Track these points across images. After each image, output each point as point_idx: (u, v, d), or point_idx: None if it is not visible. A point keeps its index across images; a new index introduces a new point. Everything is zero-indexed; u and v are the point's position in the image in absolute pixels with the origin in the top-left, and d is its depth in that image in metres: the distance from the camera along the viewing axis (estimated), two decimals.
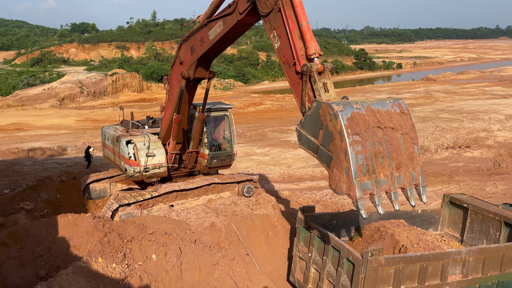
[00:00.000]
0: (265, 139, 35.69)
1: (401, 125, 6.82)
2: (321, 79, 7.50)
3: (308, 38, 7.50)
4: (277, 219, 14.29)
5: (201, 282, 10.60)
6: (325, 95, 7.40)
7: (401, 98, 7.42)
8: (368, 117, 6.66)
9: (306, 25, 7.56)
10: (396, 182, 6.85)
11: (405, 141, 6.82)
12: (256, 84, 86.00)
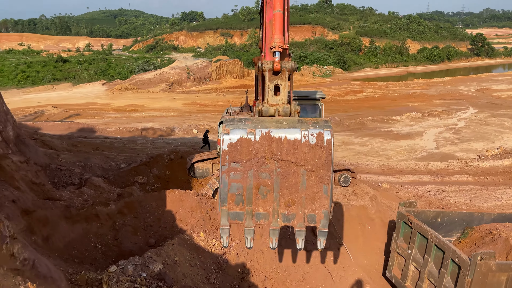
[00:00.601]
0: (364, 129, 34.53)
1: (308, 160, 5.56)
2: (275, 80, 6.44)
3: (276, 28, 6.58)
4: (375, 211, 13.80)
5: (294, 267, 10.75)
6: (272, 98, 6.37)
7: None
8: (260, 145, 5.59)
9: (278, 13, 6.64)
10: (281, 220, 5.73)
11: (308, 179, 5.61)
12: (357, 71, 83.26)
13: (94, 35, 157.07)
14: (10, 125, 15.01)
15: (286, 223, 5.68)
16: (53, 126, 29.82)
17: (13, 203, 9.69)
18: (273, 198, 5.57)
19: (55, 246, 9.74)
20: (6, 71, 70.85)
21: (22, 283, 3.54)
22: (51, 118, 37.95)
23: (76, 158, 18.32)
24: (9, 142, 14.25)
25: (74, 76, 72.12)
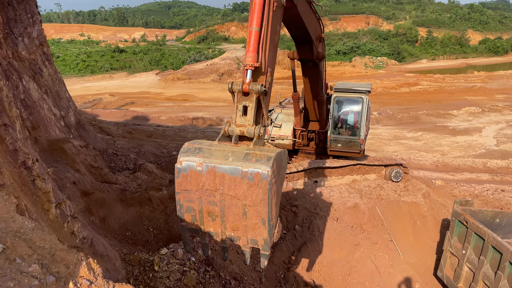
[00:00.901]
0: (418, 123, 33.22)
1: (247, 196, 5.83)
2: (243, 101, 6.56)
3: (250, 46, 6.60)
4: (427, 209, 13.31)
5: (340, 260, 10.63)
6: (240, 119, 6.56)
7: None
8: (206, 179, 6.07)
9: (253, 31, 6.65)
10: (229, 239, 6.28)
11: (248, 211, 5.92)
12: (412, 63, 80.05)
13: (149, 26, 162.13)
14: (72, 111, 15.91)
15: (234, 242, 6.30)
16: (110, 113, 31.24)
17: (74, 185, 10.31)
18: (221, 222, 6.18)
19: (111, 227, 10.27)
20: (68, 60, 74.95)
21: (84, 258, 3.77)
22: (108, 105, 39.77)
23: (130, 144, 19.11)
24: (71, 127, 15.12)
25: (129, 66, 74.97)
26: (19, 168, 7.10)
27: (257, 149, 6.00)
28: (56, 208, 7.61)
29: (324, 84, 13.97)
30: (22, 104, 11.86)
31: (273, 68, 7.35)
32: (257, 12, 6.69)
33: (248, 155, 5.89)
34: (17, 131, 7.75)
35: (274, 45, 7.39)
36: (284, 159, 6.29)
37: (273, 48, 7.33)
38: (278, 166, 5.93)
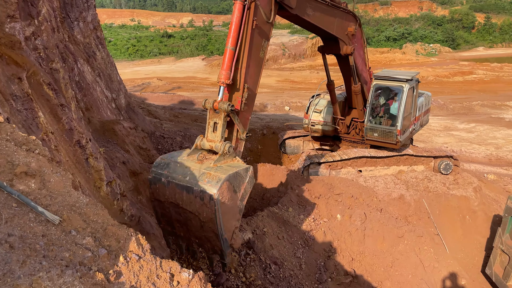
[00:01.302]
0: (471, 114, 31.64)
1: (200, 213, 6.40)
2: (214, 118, 7.06)
3: (224, 64, 6.95)
4: (478, 203, 12.74)
5: (383, 252, 10.44)
6: (211, 134, 7.12)
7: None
8: (169, 193, 6.71)
9: (228, 50, 6.94)
10: (196, 245, 7.08)
11: (203, 226, 6.49)
12: (467, 50, 75.97)
13: (196, 11, 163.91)
14: (122, 94, 16.50)
15: (200, 248, 7.03)
16: (158, 97, 32.10)
17: (123, 165, 10.74)
18: (186, 230, 6.93)
19: None
20: (119, 44, 77.48)
21: (134, 234, 3.94)
22: (156, 89, 40.86)
23: (177, 128, 19.58)
24: (121, 109, 15.70)
25: (177, 51, 76.39)
26: (74, 147, 7.48)
27: (214, 169, 6.54)
28: (107, 186, 7.98)
29: (367, 72, 13.58)
30: (77, 86, 12.43)
31: (254, 83, 7.74)
32: (232, 31, 7.03)
33: (203, 175, 6.46)
34: (73, 112, 8.15)
35: (257, 61, 7.70)
36: (246, 176, 6.73)
37: (255, 64, 7.67)
38: (235, 184, 6.45)
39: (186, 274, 3.77)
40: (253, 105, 7.99)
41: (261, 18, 7.39)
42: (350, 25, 11.50)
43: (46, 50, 8.74)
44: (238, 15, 6.97)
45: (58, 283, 3.00)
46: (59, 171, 4.19)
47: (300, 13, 8.83)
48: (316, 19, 9.68)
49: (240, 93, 7.40)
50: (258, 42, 7.62)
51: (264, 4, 7.44)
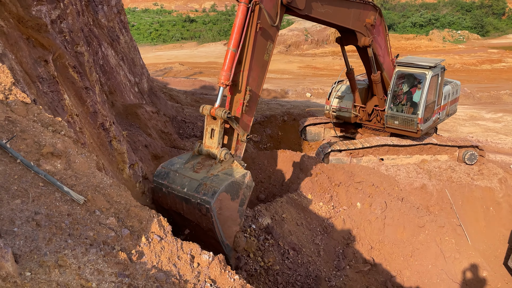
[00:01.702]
0: (499, 103, 30.69)
1: (200, 222, 6.59)
2: (211, 124, 7.10)
3: (224, 65, 6.82)
4: (503, 195, 12.45)
5: (403, 241, 10.35)
6: (208, 140, 7.17)
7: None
8: (171, 202, 6.90)
9: (229, 51, 6.85)
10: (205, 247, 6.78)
11: (206, 233, 6.67)
12: (496, 38, 73.33)
13: None
14: (145, 78, 16.64)
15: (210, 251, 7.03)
16: (179, 82, 32.28)
17: (145, 148, 10.89)
18: (192, 234, 7.14)
19: None
20: (142, 29, 77.91)
21: (156, 216, 4.01)
22: (178, 74, 41.07)
23: (198, 113, 19.68)
24: (144, 93, 15.86)
25: (199, 36, 76.35)
26: (98, 129, 7.62)
27: (211, 179, 6.61)
28: (130, 168, 8.12)
29: (390, 61, 13.28)
30: (101, 69, 12.59)
31: (257, 86, 7.64)
32: (235, 33, 6.91)
33: (200, 186, 6.57)
34: (97, 95, 8.27)
35: (261, 63, 7.58)
36: (243, 183, 6.82)
37: (259, 67, 7.55)
38: (232, 193, 6.59)
39: (206, 256, 3.83)
40: (255, 107, 7.90)
41: (266, 21, 7.21)
42: (368, 16, 11.05)
43: (71, 33, 8.86)
44: (241, 17, 6.85)
45: (82, 261, 3.09)
46: (83, 152, 4.27)
47: (310, 13, 8.56)
48: (328, 16, 9.33)
49: (242, 96, 7.34)
50: (263, 44, 7.48)
51: (269, 7, 7.24)
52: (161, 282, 3.30)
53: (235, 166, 7.10)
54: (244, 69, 7.29)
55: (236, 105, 7.42)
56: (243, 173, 6.87)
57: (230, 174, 6.78)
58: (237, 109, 7.41)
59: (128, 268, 3.27)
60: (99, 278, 3.00)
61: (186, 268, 3.62)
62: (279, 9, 7.46)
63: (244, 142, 7.76)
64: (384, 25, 12.36)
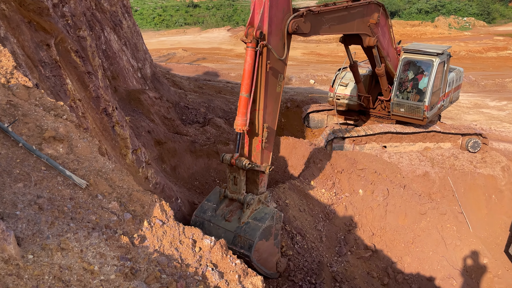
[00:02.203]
0: (504, 91, 30.44)
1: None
2: (233, 172, 7.40)
3: (239, 111, 6.90)
4: (505, 183, 12.42)
5: (405, 228, 10.39)
6: (233, 187, 7.52)
7: None
8: None
9: (242, 97, 6.88)
10: None
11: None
12: (503, 25, 72.35)
13: None
14: (148, 63, 16.57)
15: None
16: (183, 68, 32.14)
17: (148, 134, 10.90)
18: None
19: (180, 175, 10.83)
20: (145, 14, 77.32)
21: (158, 200, 4.02)
22: (181, 60, 40.88)
23: (201, 99, 19.64)
24: (147, 79, 15.82)
25: (202, 21, 75.74)
26: (100, 114, 7.61)
27: (244, 230, 7.15)
28: (133, 154, 8.13)
29: (394, 51, 13.11)
30: (104, 54, 12.54)
31: (273, 120, 7.77)
32: (246, 79, 6.86)
33: (236, 238, 7.13)
34: (99, 80, 8.25)
35: (274, 97, 7.60)
36: (273, 223, 7.43)
37: (273, 101, 7.60)
38: (266, 236, 7.21)
39: (208, 240, 3.85)
40: (273, 140, 8.07)
41: (274, 58, 7.20)
42: (372, 16, 10.82)
43: (73, 17, 8.80)
44: (250, 62, 6.81)
45: (85, 244, 3.12)
46: (86, 137, 4.28)
47: (316, 33, 8.50)
48: (334, 30, 9.27)
49: (260, 134, 7.49)
50: (274, 80, 7.50)
51: (276, 42, 7.18)
52: (163, 266, 3.33)
53: (262, 206, 7.69)
54: (259, 108, 7.37)
55: (255, 143, 7.60)
56: (272, 214, 7.44)
57: (260, 219, 7.33)
58: (257, 146, 7.61)
59: (130, 252, 3.30)
60: (101, 261, 3.03)
61: (188, 252, 3.65)
62: (286, 39, 7.39)
63: (267, 174, 8.01)
64: (388, 18, 12.16)
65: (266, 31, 6.83)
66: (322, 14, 8.51)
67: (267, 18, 6.77)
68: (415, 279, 9.36)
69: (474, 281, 9.93)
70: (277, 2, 6.93)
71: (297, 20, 7.48)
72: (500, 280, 10.06)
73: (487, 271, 10.15)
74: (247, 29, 6.78)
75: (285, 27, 7.30)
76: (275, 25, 7.07)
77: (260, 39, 6.70)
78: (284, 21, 7.27)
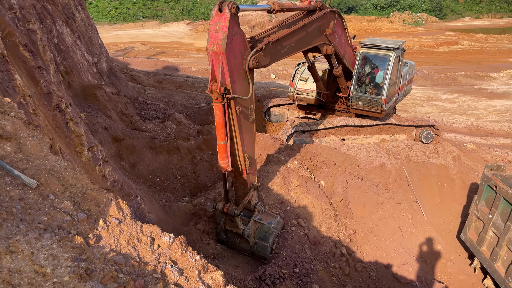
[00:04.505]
0: (455, 84, 31.93)
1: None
2: (228, 217, 8.43)
3: (220, 156, 7.35)
4: (456, 172, 13.06)
5: (363, 217, 10.70)
6: (229, 224, 8.62)
7: None
8: None
9: (220, 145, 7.24)
10: None
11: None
12: (454, 21, 75.71)
13: None
14: (104, 58, 16.05)
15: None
16: (141, 62, 31.41)
17: (105, 130, 10.59)
18: None
19: (140, 173, 10.61)
20: (101, 7, 74.77)
21: (114, 198, 3.92)
22: (139, 54, 39.91)
23: (160, 94, 19.29)
24: (103, 74, 15.33)
25: (161, 15, 74.21)
26: (53, 111, 7.31)
27: (256, 250, 8.79)
28: (88, 151, 7.87)
29: (351, 50, 13.32)
30: (56, 48, 12.04)
31: (252, 149, 8.24)
32: (219, 129, 7.13)
33: (253, 254, 8.93)
34: (51, 75, 7.91)
35: (248, 129, 7.94)
36: (275, 235, 8.96)
37: (248, 132, 7.94)
38: (272, 243, 8.86)
39: (167, 238, 3.80)
40: (255, 165, 8.61)
41: (242, 100, 7.34)
42: (328, 25, 10.80)
43: (22, 10, 8.38)
44: (220, 115, 6.97)
45: (36, 246, 2.99)
46: (35, 135, 4.10)
47: (275, 61, 8.50)
48: (293, 49, 9.21)
49: (243, 164, 7.94)
50: (246, 116, 7.66)
51: (240, 87, 7.21)
52: (120, 265, 3.25)
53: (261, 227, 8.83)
54: (238, 144, 7.66)
55: (240, 172, 8.11)
56: (270, 232, 8.79)
57: (264, 238, 8.79)
58: (242, 174, 8.16)
59: (85, 252, 3.20)
60: (54, 263, 2.92)
61: (146, 250, 3.58)
62: (249, 75, 7.43)
63: (256, 190, 8.80)
64: (342, 20, 12.15)
65: (229, 83, 6.84)
66: (281, 40, 8.44)
67: (227, 72, 6.76)
68: (373, 267, 9.67)
69: (428, 267, 10.40)
70: (233, 52, 6.88)
71: (257, 55, 7.48)
72: (452, 265, 10.60)
73: (440, 256, 10.66)
74: (211, 85, 6.78)
75: (245, 66, 7.31)
76: (236, 73, 7.08)
77: (224, 94, 6.76)
78: (244, 61, 7.27)
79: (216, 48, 6.64)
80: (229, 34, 6.64)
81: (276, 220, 8.94)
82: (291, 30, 8.85)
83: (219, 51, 6.62)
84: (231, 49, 6.79)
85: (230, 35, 6.66)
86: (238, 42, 6.99)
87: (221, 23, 6.65)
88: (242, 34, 7.15)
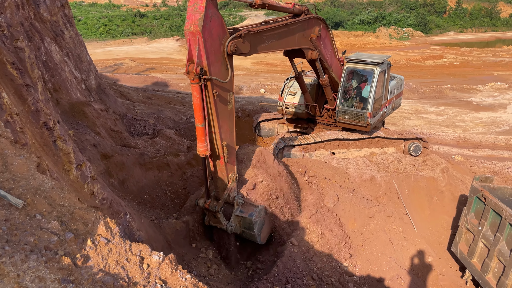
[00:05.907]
0: (441, 97, 32.42)
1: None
2: (209, 212, 8.59)
3: (198, 139, 7.39)
4: (445, 184, 13.17)
5: (354, 231, 10.69)
6: (213, 220, 8.75)
7: None
8: None
9: (198, 127, 7.29)
10: None
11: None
12: (438, 35, 77.32)
13: None
14: (93, 74, 16.01)
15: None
16: (130, 78, 31.38)
17: (94, 147, 10.50)
18: None
19: (130, 189, 10.50)
20: (90, 23, 74.90)
21: (102, 217, 3.86)
22: (129, 71, 39.90)
23: (150, 110, 19.25)
24: (91, 90, 15.27)
25: (150, 31, 74.54)
26: (40, 129, 7.23)
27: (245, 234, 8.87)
28: (77, 169, 7.78)
29: (338, 62, 13.54)
30: (44, 66, 11.98)
31: (231, 137, 8.24)
32: (198, 111, 7.19)
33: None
34: (39, 92, 7.85)
35: (227, 116, 7.96)
36: (259, 222, 8.82)
37: (226, 119, 7.98)
38: (260, 229, 8.92)
39: (156, 257, 3.75)
40: (234, 153, 8.58)
41: (220, 84, 7.42)
42: (313, 30, 11.05)
43: (10, 27, 8.36)
44: (198, 97, 7.04)
45: (22, 268, 2.93)
46: (22, 154, 4.04)
47: (256, 52, 8.66)
48: (275, 46, 9.42)
49: (221, 151, 7.96)
50: (224, 102, 7.74)
51: (218, 70, 7.33)
52: (109, 285, 3.20)
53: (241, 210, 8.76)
54: (215, 130, 7.69)
55: (218, 160, 8.13)
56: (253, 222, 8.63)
57: (249, 228, 8.76)
58: (220, 162, 8.16)
59: (73, 273, 3.14)
60: (40, 285, 2.86)
61: (135, 270, 3.53)
62: (227, 60, 7.53)
63: (236, 182, 8.70)
64: (329, 31, 12.41)
65: (206, 64, 6.92)
66: (262, 33, 8.61)
67: (204, 53, 6.86)
68: (365, 281, 9.63)
69: (420, 280, 10.39)
70: (211, 33, 6.99)
71: (236, 41, 7.60)
72: (444, 278, 10.60)
73: (432, 269, 10.66)
74: (188, 66, 6.84)
75: (224, 50, 7.41)
76: (214, 55, 7.17)
77: (201, 74, 6.82)
78: (222, 45, 7.37)
79: (193, 28, 6.72)
80: (206, 14, 6.74)
81: (257, 209, 8.71)
82: (274, 25, 9.10)
83: (196, 31, 6.70)
84: (208, 29, 6.87)
85: (207, 15, 6.76)
86: (216, 24, 7.11)
87: (199, 4, 6.78)
88: (220, 17, 7.26)
